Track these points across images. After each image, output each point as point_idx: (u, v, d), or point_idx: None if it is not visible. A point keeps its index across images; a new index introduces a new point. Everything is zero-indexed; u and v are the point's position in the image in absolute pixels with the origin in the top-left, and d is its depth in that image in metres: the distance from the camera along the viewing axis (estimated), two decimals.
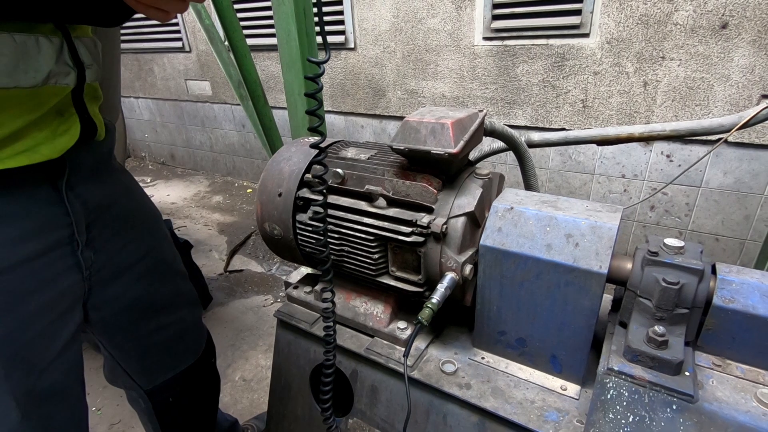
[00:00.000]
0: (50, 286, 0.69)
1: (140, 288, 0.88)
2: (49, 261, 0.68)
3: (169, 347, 0.99)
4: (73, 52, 0.65)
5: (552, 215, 0.74)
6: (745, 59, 2.02)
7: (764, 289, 0.63)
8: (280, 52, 1.84)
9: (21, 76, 0.57)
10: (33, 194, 0.65)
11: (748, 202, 2.32)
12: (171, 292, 0.97)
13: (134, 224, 0.88)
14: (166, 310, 0.96)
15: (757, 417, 0.58)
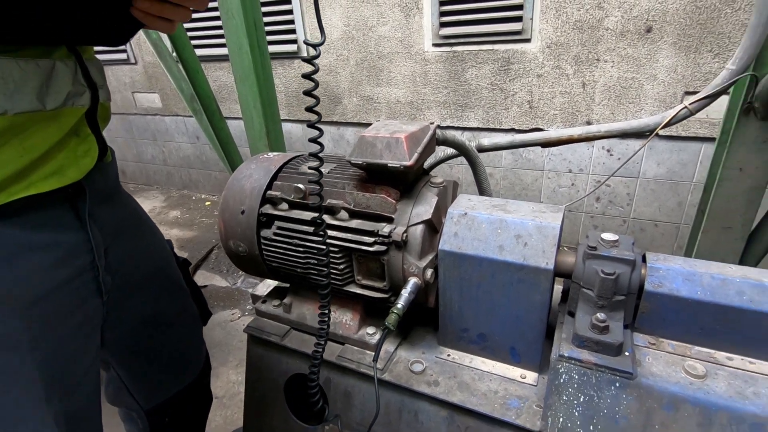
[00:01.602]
0: (79, 310, 0.70)
1: (151, 307, 0.89)
2: (77, 287, 0.69)
3: (172, 365, 1.00)
4: (85, 73, 0.66)
5: (502, 218, 0.80)
6: (668, 60, 2.22)
7: (686, 274, 0.71)
8: (232, 66, 1.83)
9: (46, 99, 0.58)
10: (60, 221, 0.65)
11: (680, 189, 2.54)
12: (177, 310, 0.98)
13: (145, 245, 0.89)
14: (172, 327, 0.97)
15: (686, 386, 0.66)
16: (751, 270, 0.70)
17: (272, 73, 1.90)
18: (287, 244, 0.93)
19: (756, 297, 0.67)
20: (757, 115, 1.15)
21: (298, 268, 0.95)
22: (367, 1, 2.73)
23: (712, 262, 0.73)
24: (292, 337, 1.03)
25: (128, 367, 0.92)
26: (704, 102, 1.12)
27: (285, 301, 1.07)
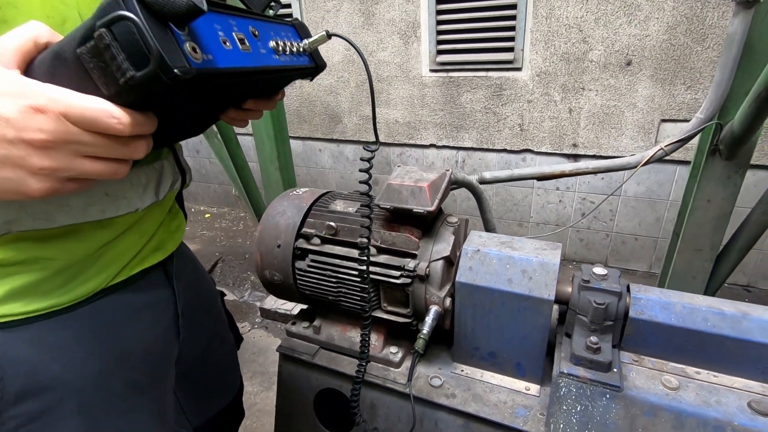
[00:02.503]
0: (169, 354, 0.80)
1: (206, 340, 1.00)
2: (167, 335, 0.79)
3: (218, 386, 1.10)
4: (177, 161, 0.77)
5: (510, 255, 0.94)
6: (647, 90, 2.42)
7: (662, 303, 0.87)
8: None
9: (159, 192, 0.69)
10: (156, 283, 0.75)
11: (658, 206, 2.74)
12: (223, 339, 1.09)
13: (202, 286, 1.00)
14: (219, 354, 1.08)
15: (663, 396, 0.81)
16: (714, 300, 0.85)
17: (283, 102, 2.03)
18: (320, 274, 1.06)
19: (717, 323, 0.83)
20: (721, 156, 1.32)
21: (330, 295, 1.07)
22: (367, 28, 2.87)
23: (683, 293, 0.88)
24: (322, 356, 1.15)
25: (186, 393, 1.02)
26: (677, 144, 1.29)
27: (315, 323, 1.19)
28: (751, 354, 0.81)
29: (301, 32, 0.66)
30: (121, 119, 0.38)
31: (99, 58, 0.36)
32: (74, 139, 0.38)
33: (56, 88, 0.37)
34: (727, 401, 0.79)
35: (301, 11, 3.01)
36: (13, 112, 0.36)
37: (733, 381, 0.83)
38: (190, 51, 0.38)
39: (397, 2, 2.71)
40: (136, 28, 0.34)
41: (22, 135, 0.37)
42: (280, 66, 0.56)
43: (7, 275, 0.52)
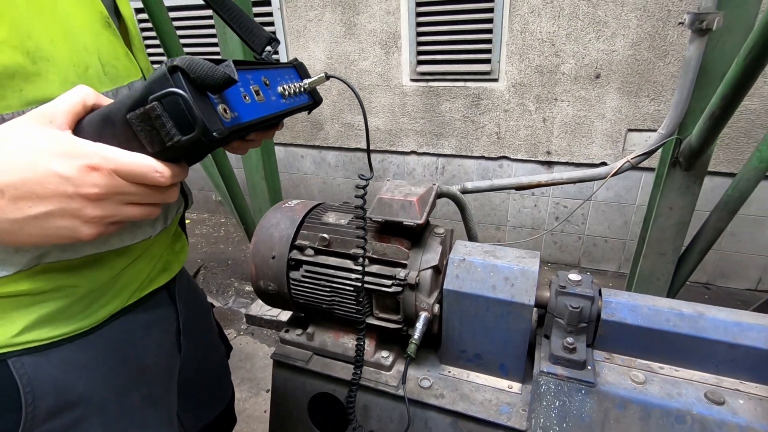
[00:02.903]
0: (174, 368, 0.84)
1: (202, 351, 1.03)
2: (171, 350, 0.83)
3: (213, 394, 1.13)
4: (181, 186, 0.80)
5: (494, 263, 1.02)
6: (614, 101, 2.57)
7: (630, 306, 0.95)
8: None
9: (168, 218, 0.72)
10: (161, 302, 0.79)
11: (626, 210, 2.90)
12: (215, 349, 1.13)
13: (196, 300, 1.02)
14: (213, 363, 1.11)
15: (631, 390, 0.90)
16: (675, 302, 0.95)
17: None
18: (314, 284, 1.10)
19: (678, 323, 0.92)
20: (681, 168, 1.44)
21: (324, 304, 1.12)
22: (349, 38, 2.93)
23: (648, 296, 0.97)
24: (315, 362, 1.20)
25: (184, 402, 1.06)
26: (642, 157, 1.40)
27: (308, 330, 1.24)
28: (707, 350, 0.90)
29: (300, 72, 0.72)
30: (164, 173, 0.44)
31: (148, 124, 0.41)
32: (122, 191, 0.44)
33: (107, 147, 0.42)
34: (686, 393, 0.88)
35: (283, 20, 3.03)
36: (72, 171, 0.40)
37: (691, 374, 0.92)
38: (222, 112, 0.44)
39: (378, 13, 2.78)
40: (183, 102, 0.39)
41: (79, 190, 0.41)
42: (288, 109, 0.62)
43: (36, 303, 0.55)
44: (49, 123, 0.41)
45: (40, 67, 0.48)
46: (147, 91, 0.40)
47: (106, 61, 0.56)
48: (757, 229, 2.68)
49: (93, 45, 0.55)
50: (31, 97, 0.49)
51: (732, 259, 2.84)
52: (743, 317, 0.91)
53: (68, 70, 0.51)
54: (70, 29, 0.52)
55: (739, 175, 1.49)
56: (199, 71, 0.40)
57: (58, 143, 0.41)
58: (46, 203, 0.41)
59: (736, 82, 1.08)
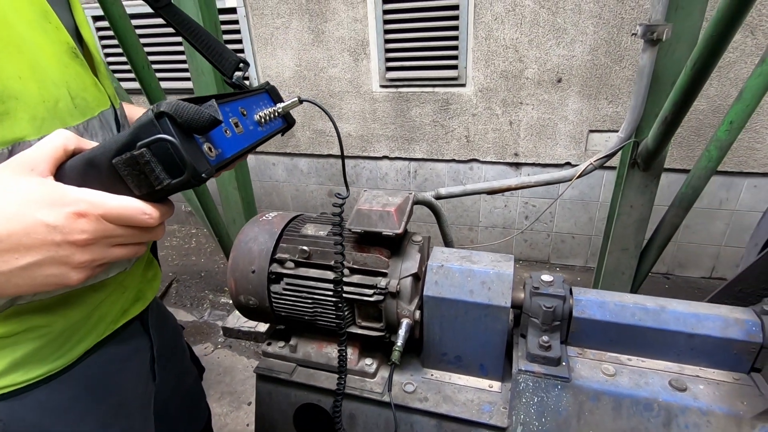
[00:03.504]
0: (151, 399, 0.83)
1: (175, 374, 1.01)
2: (146, 379, 0.82)
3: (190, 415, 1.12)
4: None
5: (470, 268, 1.05)
6: (576, 104, 2.69)
7: (598, 303, 1.01)
8: None
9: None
10: (135, 332, 0.77)
11: (590, 207, 3.03)
12: (188, 370, 1.11)
13: (167, 325, 1.01)
14: (187, 385, 1.10)
15: (603, 383, 0.95)
16: (639, 297, 1.01)
17: None
18: (296, 296, 1.11)
19: (642, 316, 0.98)
20: (639, 168, 1.53)
21: (306, 315, 1.13)
22: (317, 45, 2.94)
23: (615, 293, 1.03)
24: (300, 373, 1.20)
25: (159, 428, 1.04)
26: (604, 160, 1.48)
27: (291, 342, 1.24)
28: (669, 340, 0.97)
29: (273, 96, 0.73)
30: (152, 214, 0.44)
31: (135, 168, 0.41)
32: (110, 234, 0.44)
33: (93, 192, 0.42)
34: (653, 382, 0.95)
35: (249, 28, 3.00)
36: (59, 219, 0.40)
37: (656, 364, 0.99)
38: (207, 151, 0.45)
39: (345, 21, 2.80)
40: (172, 147, 0.40)
41: (67, 238, 0.41)
42: (265, 136, 0.63)
43: (9, 346, 0.54)
44: (31, 171, 0.41)
45: (9, 106, 0.47)
46: (134, 136, 0.40)
47: (76, 93, 0.55)
48: (709, 221, 2.87)
49: (61, 78, 0.54)
50: (4, 138, 0.48)
51: (688, 249, 3.03)
52: (700, 308, 0.98)
53: (37, 107, 0.50)
54: (38, 64, 0.50)
55: (691, 174, 1.60)
56: (185, 115, 0.40)
57: (43, 192, 0.40)
58: (34, 253, 0.40)
59: (684, 90, 1.16)
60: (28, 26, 0.49)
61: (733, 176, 2.67)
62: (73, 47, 0.56)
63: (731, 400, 0.91)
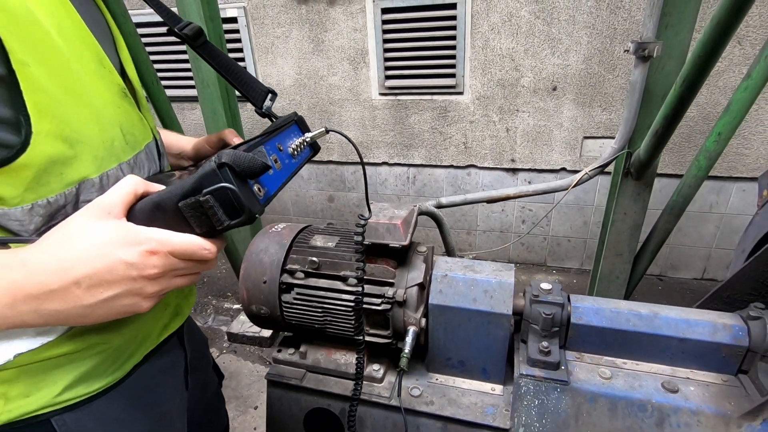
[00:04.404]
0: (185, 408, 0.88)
1: (202, 383, 1.05)
2: (181, 389, 0.87)
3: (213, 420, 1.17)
4: None
5: (473, 278, 1.10)
6: (570, 112, 2.75)
7: (595, 309, 1.06)
8: (206, 128, 1.98)
9: None
10: (173, 346, 0.82)
11: (585, 211, 3.10)
12: (212, 378, 1.16)
13: (196, 337, 1.05)
14: (211, 392, 1.14)
15: (600, 385, 1.00)
16: (633, 303, 1.07)
17: (243, 131, 2.08)
18: (306, 305, 1.15)
19: (636, 322, 1.04)
20: (632, 177, 1.60)
21: (316, 324, 1.18)
22: (317, 54, 2.98)
23: (610, 300, 1.09)
24: (309, 378, 1.25)
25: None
26: (598, 170, 1.54)
27: (301, 349, 1.29)
28: (662, 345, 1.03)
29: (301, 126, 0.78)
30: (211, 249, 0.50)
31: (198, 211, 0.47)
32: (176, 268, 0.49)
33: (161, 231, 0.47)
34: (646, 384, 1.00)
35: (250, 37, 3.05)
36: (135, 257, 0.45)
37: (650, 367, 1.04)
38: (257, 192, 0.51)
39: (345, 31, 2.85)
40: (232, 194, 0.45)
41: (141, 273, 0.46)
42: (299, 167, 0.69)
43: (74, 362, 0.59)
44: (108, 214, 0.46)
45: (77, 150, 0.53)
46: (198, 183, 0.45)
47: (127, 130, 0.61)
48: (700, 224, 2.94)
49: (115, 118, 0.59)
50: (69, 179, 0.53)
51: (680, 252, 3.10)
52: (691, 314, 1.04)
53: (98, 148, 0.55)
54: (97, 107, 0.55)
55: (681, 182, 1.67)
56: (242, 165, 0.46)
57: (120, 233, 0.45)
58: (115, 287, 0.46)
59: (674, 106, 1.22)
60: (88, 73, 0.54)
61: (723, 181, 2.74)
62: (123, 87, 0.61)
63: (720, 400, 0.97)
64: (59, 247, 0.44)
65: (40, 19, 0.48)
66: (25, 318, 0.44)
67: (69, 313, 0.45)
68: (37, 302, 0.43)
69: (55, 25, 0.50)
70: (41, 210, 0.51)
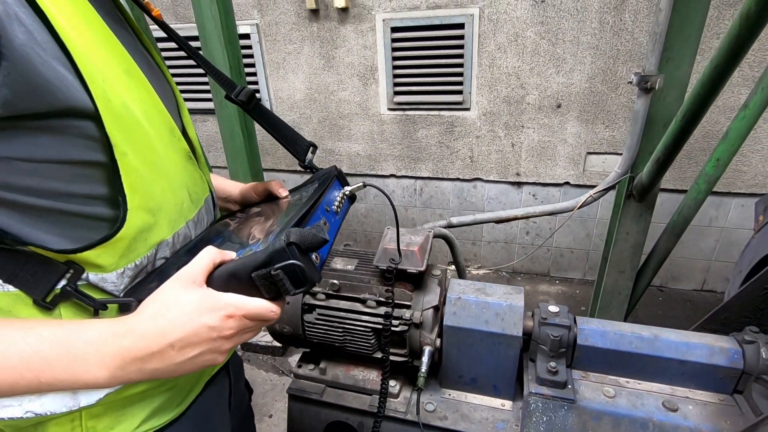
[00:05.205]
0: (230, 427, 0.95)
1: (239, 398, 1.12)
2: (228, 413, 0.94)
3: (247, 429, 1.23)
4: None
5: (485, 300, 1.17)
6: (574, 128, 2.83)
7: (600, 332, 1.13)
8: (224, 145, 2.06)
9: None
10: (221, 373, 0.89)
11: (588, 224, 3.17)
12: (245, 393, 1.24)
13: (235, 358, 1.12)
14: (245, 405, 1.21)
15: (604, 404, 1.07)
16: (636, 326, 1.14)
17: (258, 149, 2.16)
18: (327, 325, 1.23)
19: (639, 344, 1.10)
20: (635, 199, 1.67)
21: (336, 342, 1.25)
22: (328, 70, 3.07)
23: (615, 322, 1.16)
24: (329, 393, 1.32)
25: None
26: (602, 192, 1.61)
27: (321, 365, 1.36)
28: (662, 366, 1.09)
29: (341, 179, 0.85)
30: (276, 311, 0.57)
31: (268, 281, 0.54)
32: (247, 327, 0.56)
33: (236, 297, 0.55)
34: (648, 403, 1.07)
35: (262, 53, 3.13)
36: (216, 321, 0.53)
37: (651, 387, 1.11)
38: (315, 260, 0.58)
39: (355, 48, 2.93)
40: (298, 269, 0.53)
41: (221, 334, 0.54)
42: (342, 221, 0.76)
43: (148, 398, 0.66)
44: (192, 283, 0.53)
45: (157, 217, 0.61)
46: (269, 258, 0.53)
47: (192, 190, 0.68)
48: (700, 237, 3.01)
49: (183, 181, 0.66)
50: (151, 243, 0.61)
51: (680, 264, 3.16)
52: (689, 338, 1.11)
53: (172, 212, 0.63)
54: (171, 176, 0.63)
55: (681, 204, 1.74)
56: (306, 242, 0.54)
57: (204, 301, 0.53)
58: (200, 347, 0.53)
59: (675, 136, 1.30)
60: (164, 146, 0.61)
61: (722, 196, 2.81)
62: (188, 151, 0.68)
63: (716, 419, 1.04)
64: (157, 316, 0.52)
65: (134, 111, 0.55)
66: (132, 376, 0.51)
67: (164, 370, 0.53)
68: (141, 363, 0.51)
69: (143, 112, 0.57)
70: (130, 272, 0.60)
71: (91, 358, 0.48)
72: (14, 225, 0.49)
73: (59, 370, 0.47)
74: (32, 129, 0.47)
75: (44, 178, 0.49)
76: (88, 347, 0.48)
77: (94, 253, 0.54)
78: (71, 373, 0.47)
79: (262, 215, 0.80)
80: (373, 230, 3.61)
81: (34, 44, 0.44)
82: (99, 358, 0.48)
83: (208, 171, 0.80)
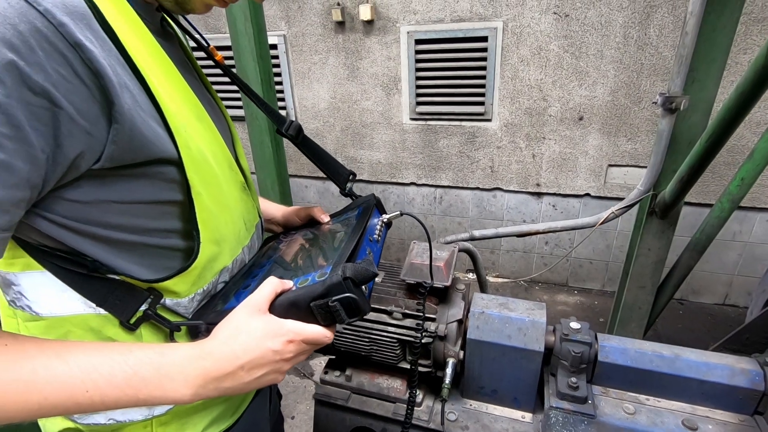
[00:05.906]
0: None
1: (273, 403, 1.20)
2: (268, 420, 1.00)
3: None
4: None
5: (508, 315, 1.21)
6: (596, 140, 2.83)
7: (621, 349, 1.16)
8: (254, 156, 2.14)
9: None
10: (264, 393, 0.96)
11: (608, 235, 3.16)
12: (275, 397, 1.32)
13: None
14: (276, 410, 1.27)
15: (624, 420, 1.10)
16: (656, 345, 1.16)
17: (285, 159, 2.24)
18: (354, 335, 1.29)
19: (659, 363, 1.13)
20: (657, 216, 1.68)
21: (362, 351, 1.31)
22: (352, 80, 3.14)
23: (636, 340, 1.18)
24: (354, 399, 1.37)
25: None
26: (624, 209, 1.63)
27: (346, 373, 1.41)
28: (683, 385, 1.11)
29: (380, 208, 0.91)
30: (330, 337, 0.63)
31: (325, 310, 0.60)
32: (304, 350, 0.62)
33: (296, 324, 0.61)
34: (668, 421, 1.09)
35: (288, 62, 3.23)
36: (279, 345, 0.59)
37: (671, 405, 1.13)
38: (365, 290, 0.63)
39: (379, 59, 3.00)
40: (353, 301, 0.59)
41: (282, 357, 0.60)
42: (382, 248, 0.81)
43: (208, 408, 0.73)
44: (258, 311, 0.60)
45: (222, 247, 0.68)
46: (327, 290, 0.59)
47: (246, 219, 0.75)
48: (722, 251, 2.97)
49: (240, 212, 0.73)
50: (216, 270, 0.68)
51: (702, 277, 3.13)
52: (710, 358, 1.13)
53: (232, 241, 0.70)
54: (231, 208, 0.70)
55: (704, 222, 1.74)
56: (360, 276, 0.59)
57: (268, 327, 0.59)
58: (265, 368, 0.60)
59: (699, 157, 1.31)
60: (227, 181, 0.68)
61: (746, 211, 2.78)
62: (243, 183, 0.75)
63: None
64: (230, 340, 0.58)
65: (206, 155, 0.62)
66: (210, 393, 0.58)
67: (235, 388, 0.59)
68: (218, 382, 0.57)
69: (211, 153, 0.64)
70: (199, 297, 0.67)
71: (178, 377, 0.55)
72: (108, 257, 0.57)
73: (153, 388, 0.53)
74: (128, 176, 0.54)
75: (133, 216, 0.57)
76: (175, 368, 0.55)
77: (172, 282, 0.62)
78: (163, 391, 0.54)
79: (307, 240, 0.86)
80: (391, 238, 3.67)
81: (137, 107, 0.51)
82: (184, 377, 0.55)
83: (257, 198, 0.87)
